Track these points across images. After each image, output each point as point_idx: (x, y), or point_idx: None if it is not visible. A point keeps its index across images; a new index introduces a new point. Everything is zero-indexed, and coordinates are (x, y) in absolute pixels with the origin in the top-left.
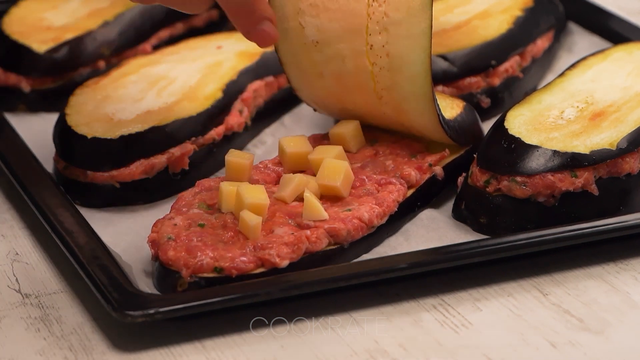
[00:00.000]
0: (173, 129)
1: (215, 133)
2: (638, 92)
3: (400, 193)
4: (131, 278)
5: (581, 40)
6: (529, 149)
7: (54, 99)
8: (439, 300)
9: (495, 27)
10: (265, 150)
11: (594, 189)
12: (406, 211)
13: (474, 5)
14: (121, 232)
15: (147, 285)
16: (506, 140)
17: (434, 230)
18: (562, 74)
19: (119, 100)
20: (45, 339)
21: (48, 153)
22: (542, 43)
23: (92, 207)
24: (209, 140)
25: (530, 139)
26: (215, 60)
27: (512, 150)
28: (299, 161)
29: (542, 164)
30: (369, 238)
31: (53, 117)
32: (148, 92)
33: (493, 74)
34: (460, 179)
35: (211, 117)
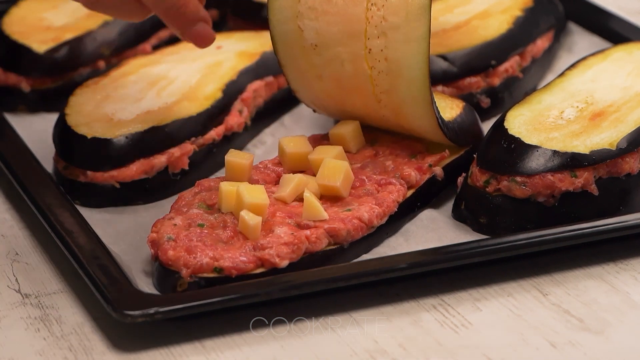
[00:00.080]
0: (173, 129)
1: (215, 133)
2: (638, 92)
3: (400, 193)
4: (131, 278)
5: (581, 40)
6: (529, 149)
7: (54, 99)
8: (439, 300)
9: (495, 27)
10: (265, 150)
11: (594, 189)
12: (406, 211)
13: (474, 5)
14: (121, 232)
15: (147, 285)
16: (506, 140)
17: (434, 230)
18: (562, 74)
19: (119, 100)
20: (45, 339)
21: (48, 153)
22: (542, 43)
23: (92, 207)
24: (208, 140)
25: (530, 139)
26: (215, 60)
27: (512, 150)
28: (299, 161)
29: (542, 164)
30: (369, 238)
31: (53, 117)
32: (148, 92)
33: (493, 74)
34: (460, 179)
35: (211, 117)
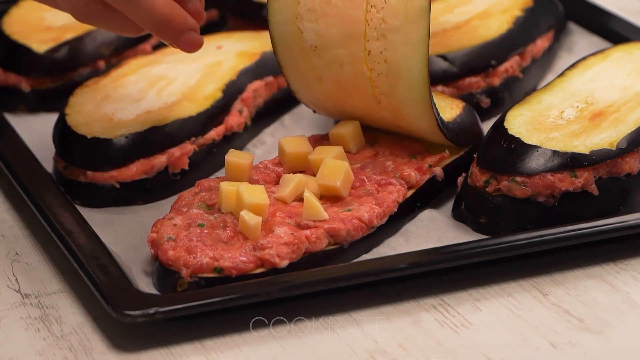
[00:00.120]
0: (173, 129)
1: (215, 133)
2: (638, 92)
3: (400, 193)
4: (131, 278)
5: (581, 40)
6: (529, 149)
7: (54, 99)
8: (439, 300)
9: (495, 27)
10: (265, 150)
11: (594, 189)
12: (406, 211)
13: (474, 5)
14: (121, 232)
15: (147, 285)
16: (506, 140)
17: (434, 230)
18: (562, 74)
19: (119, 100)
20: (45, 339)
21: (48, 153)
22: (542, 43)
23: (92, 207)
24: (208, 140)
25: (530, 139)
26: (215, 60)
27: (512, 150)
28: (299, 161)
29: (542, 164)
30: (369, 238)
31: (53, 117)
32: (148, 92)
33: (493, 74)
34: (460, 179)
35: (211, 117)
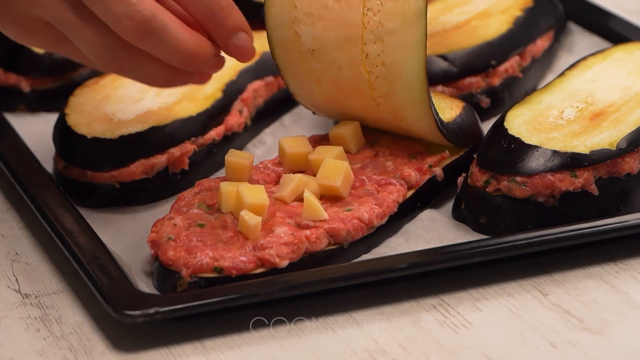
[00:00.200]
0: (173, 129)
1: (215, 133)
2: (638, 92)
3: (400, 194)
4: (131, 278)
5: (581, 40)
6: (529, 149)
7: (54, 99)
8: (439, 300)
9: (495, 27)
10: (265, 150)
11: (594, 189)
12: (406, 212)
13: (474, 5)
14: (121, 232)
15: (147, 285)
16: (506, 140)
17: (434, 230)
18: (562, 74)
19: (119, 100)
20: (45, 339)
21: (48, 153)
22: (542, 43)
23: (92, 207)
24: (208, 140)
25: (530, 139)
26: None
27: (512, 150)
28: (299, 161)
29: (542, 164)
30: (369, 238)
31: (53, 117)
32: (148, 92)
33: (493, 74)
34: (460, 179)
35: (211, 117)
